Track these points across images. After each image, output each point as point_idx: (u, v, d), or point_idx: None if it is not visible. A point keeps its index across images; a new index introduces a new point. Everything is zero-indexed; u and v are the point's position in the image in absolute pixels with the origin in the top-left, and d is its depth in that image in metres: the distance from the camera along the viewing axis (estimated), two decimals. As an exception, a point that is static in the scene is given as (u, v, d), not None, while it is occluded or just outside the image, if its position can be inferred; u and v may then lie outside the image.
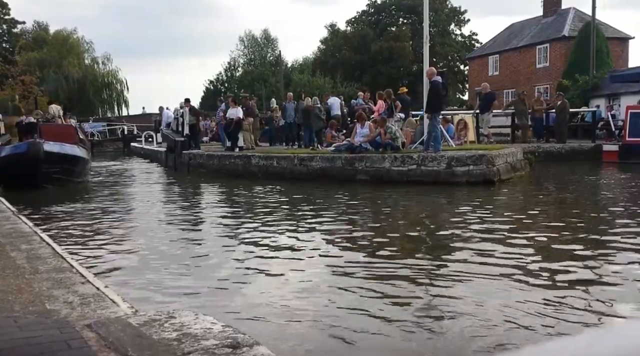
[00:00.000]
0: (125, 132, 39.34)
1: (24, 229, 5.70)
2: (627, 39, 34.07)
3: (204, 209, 10.42)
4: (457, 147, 14.37)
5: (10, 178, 12.39)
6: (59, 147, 13.86)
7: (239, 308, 4.33)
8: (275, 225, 8.02)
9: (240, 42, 60.24)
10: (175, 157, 19.71)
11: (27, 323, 2.72)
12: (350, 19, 55.87)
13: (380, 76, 45.99)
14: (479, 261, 5.54)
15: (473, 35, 55.71)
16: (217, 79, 56.87)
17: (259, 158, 15.44)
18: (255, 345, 2.38)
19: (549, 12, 35.84)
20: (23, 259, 4.24)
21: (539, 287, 4.70)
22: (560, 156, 17.89)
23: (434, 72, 13.32)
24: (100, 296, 3.25)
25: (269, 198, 11.14)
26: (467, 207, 9.21)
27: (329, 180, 13.18)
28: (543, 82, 33.48)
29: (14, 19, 50.59)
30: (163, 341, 2.43)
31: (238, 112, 17.36)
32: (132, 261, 5.98)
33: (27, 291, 3.38)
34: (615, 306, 4.22)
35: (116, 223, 8.55)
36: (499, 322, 3.88)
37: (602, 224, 7.74)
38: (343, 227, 7.71)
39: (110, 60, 50.43)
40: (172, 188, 14.94)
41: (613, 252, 5.90)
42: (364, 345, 3.61)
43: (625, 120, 17.41)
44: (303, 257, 5.99)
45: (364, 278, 5.07)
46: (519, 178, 13.13)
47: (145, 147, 30.50)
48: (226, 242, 6.98)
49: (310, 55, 59.59)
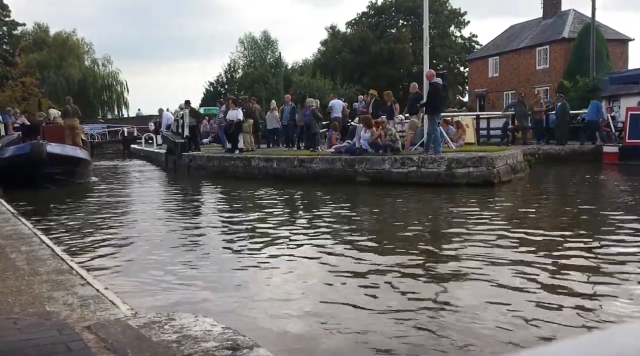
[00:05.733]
0: (125, 134, 39.38)
1: (24, 231, 5.69)
2: (627, 40, 34.09)
3: (204, 211, 10.41)
4: (457, 148, 14.38)
5: (12, 179, 12.41)
6: (61, 149, 13.95)
7: (239, 310, 4.32)
8: (275, 227, 8.01)
9: (240, 43, 60.35)
10: (175, 159, 19.72)
11: (27, 324, 2.72)
12: (351, 20, 56.00)
13: (380, 78, 45.98)
14: (478, 262, 5.54)
15: (473, 37, 55.82)
16: (217, 80, 56.91)
17: (259, 160, 15.44)
18: (255, 346, 2.37)
19: (549, 14, 35.88)
20: (23, 261, 4.24)
21: (539, 288, 4.69)
22: (560, 158, 17.90)
23: (434, 74, 13.33)
24: (99, 298, 3.25)
25: (269, 200, 11.14)
26: (467, 208, 9.20)
27: (329, 181, 13.18)
28: (543, 84, 33.51)
29: (15, 21, 50.62)
30: (163, 343, 2.43)
31: (238, 114, 17.37)
32: (132, 263, 5.97)
33: (27, 292, 3.38)
34: (616, 307, 4.22)
35: (116, 225, 8.55)
36: (498, 324, 3.88)
37: (602, 226, 7.73)
38: (343, 229, 7.71)
39: (110, 61, 50.61)
40: (172, 189, 14.94)
41: (613, 253, 5.89)
42: (364, 345, 3.60)
43: (625, 121, 17.41)
44: (303, 258, 5.99)
45: (364, 279, 5.06)
46: (518, 180, 13.13)
47: (145, 148, 30.52)
48: (226, 243, 6.97)
49: (310, 57, 59.67)
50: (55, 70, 44.80)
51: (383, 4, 54.21)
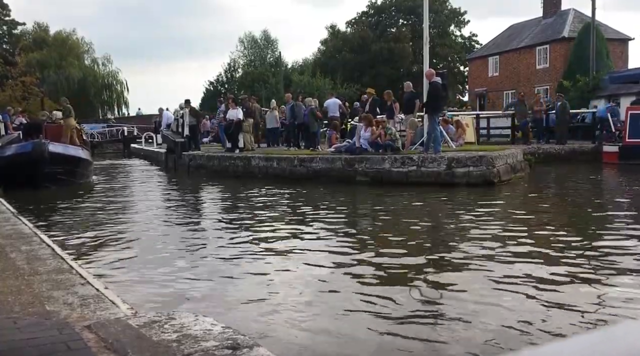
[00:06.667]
0: (125, 133, 39.40)
1: (24, 230, 5.69)
2: (627, 40, 34.08)
3: (204, 210, 10.41)
4: (457, 148, 14.38)
5: (13, 178, 12.40)
6: (63, 148, 13.96)
7: (239, 310, 4.33)
8: (275, 227, 8.01)
9: (240, 43, 60.32)
10: (175, 158, 19.72)
11: (27, 324, 2.72)
12: (350, 20, 55.99)
13: (380, 77, 45.98)
14: (478, 262, 5.54)
15: (473, 36, 55.82)
16: (217, 79, 56.87)
17: (259, 160, 15.44)
18: (255, 346, 2.37)
19: (549, 13, 35.86)
20: (23, 260, 4.24)
21: (539, 288, 4.69)
22: (560, 157, 17.89)
23: (434, 73, 13.33)
24: (100, 297, 3.25)
25: (269, 199, 11.14)
26: (467, 208, 9.20)
27: (329, 181, 13.18)
28: (543, 83, 33.49)
29: (15, 20, 50.62)
30: (163, 343, 2.43)
31: (238, 113, 17.37)
32: (132, 262, 5.97)
33: (27, 292, 3.38)
34: (616, 307, 4.21)
35: (116, 224, 8.54)
36: (499, 323, 3.88)
37: (602, 225, 7.73)
38: (343, 229, 7.71)
39: (110, 61, 50.60)
40: (172, 189, 14.94)
41: (613, 253, 5.89)
42: (364, 345, 3.60)
43: (625, 121, 17.40)
44: (303, 258, 5.99)
45: (364, 279, 5.06)
46: (518, 179, 13.13)
47: (145, 148, 30.53)
48: (226, 243, 6.97)
49: (310, 56, 59.66)
50: (55, 69, 44.79)
51: (383, 3, 54.19)
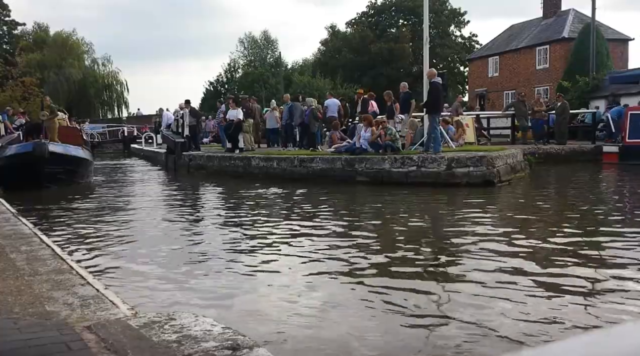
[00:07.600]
0: (125, 133, 39.43)
1: (24, 230, 5.69)
2: (627, 40, 34.06)
3: (204, 210, 10.41)
4: (457, 148, 14.37)
5: (14, 177, 12.40)
6: (63, 148, 13.94)
7: (239, 310, 4.33)
8: (275, 227, 8.01)
9: (240, 43, 60.36)
10: (175, 158, 19.72)
11: (27, 324, 2.72)
12: (350, 20, 56.00)
13: (380, 77, 46.00)
14: (478, 262, 5.54)
15: (473, 36, 55.75)
16: (217, 80, 56.89)
17: (259, 160, 15.44)
18: (255, 346, 2.37)
19: (549, 14, 35.84)
20: (23, 261, 4.23)
21: (539, 288, 4.69)
22: (560, 157, 17.87)
23: (434, 73, 13.32)
24: (100, 297, 3.25)
25: (269, 200, 11.14)
26: (467, 208, 9.20)
27: (329, 181, 13.18)
28: (543, 84, 33.48)
29: (15, 21, 50.61)
30: (163, 343, 2.43)
31: (238, 114, 17.37)
32: (132, 262, 5.97)
33: (27, 292, 3.37)
34: (616, 308, 4.21)
35: (116, 225, 8.54)
36: (499, 324, 3.88)
37: (602, 225, 7.73)
38: (343, 229, 7.71)
39: (110, 61, 50.69)
40: (171, 189, 14.94)
41: (613, 253, 5.89)
42: (364, 346, 3.60)
43: (625, 121, 17.39)
44: (303, 258, 5.98)
45: (364, 279, 5.06)
46: (518, 179, 13.13)
47: (145, 148, 30.53)
48: (226, 243, 6.97)
49: (310, 56, 59.69)
50: (55, 69, 44.82)
51: (383, 3, 54.19)
